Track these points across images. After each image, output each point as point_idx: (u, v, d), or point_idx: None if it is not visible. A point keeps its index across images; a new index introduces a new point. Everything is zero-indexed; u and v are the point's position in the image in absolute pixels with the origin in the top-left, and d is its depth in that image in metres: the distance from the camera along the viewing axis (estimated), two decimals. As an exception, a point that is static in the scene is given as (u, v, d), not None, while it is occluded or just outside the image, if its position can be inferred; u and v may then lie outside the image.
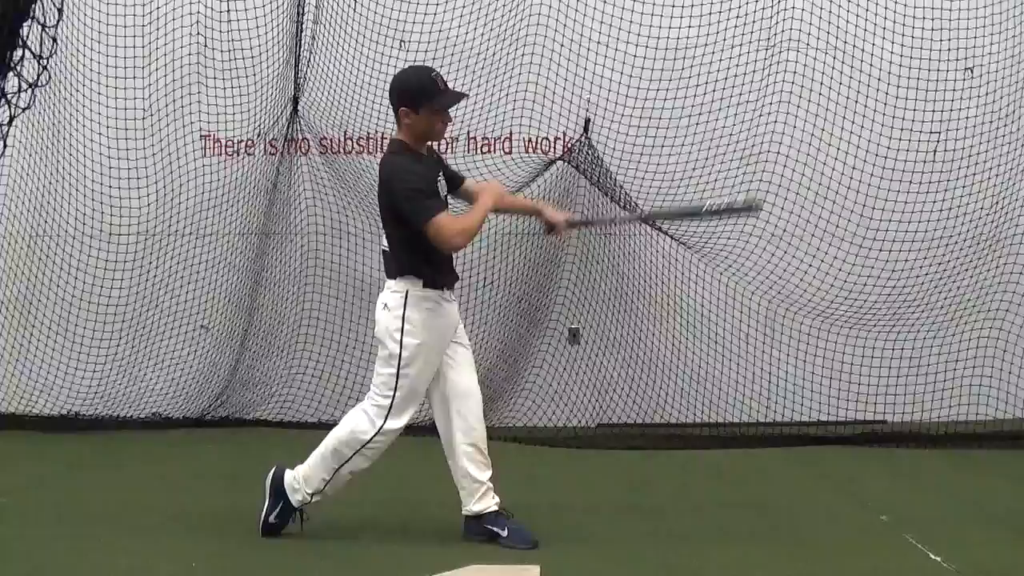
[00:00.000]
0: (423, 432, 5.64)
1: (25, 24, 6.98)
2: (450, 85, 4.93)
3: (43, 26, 7.00)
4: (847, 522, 5.39)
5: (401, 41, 7.80)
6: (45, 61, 7.06)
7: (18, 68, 6.94)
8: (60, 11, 7.10)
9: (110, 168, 8.00)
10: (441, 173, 4.99)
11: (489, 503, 4.96)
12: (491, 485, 4.97)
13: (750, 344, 8.02)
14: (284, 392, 8.08)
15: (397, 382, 4.83)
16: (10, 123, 7.13)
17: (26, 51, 6.94)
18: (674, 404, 7.97)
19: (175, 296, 8.11)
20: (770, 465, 6.82)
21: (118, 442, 7.52)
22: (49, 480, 6.38)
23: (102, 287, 8.01)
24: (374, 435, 4.87)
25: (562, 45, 7.76)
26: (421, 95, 4.77)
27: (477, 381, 5.04)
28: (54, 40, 7.11)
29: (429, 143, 4.96)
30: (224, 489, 6.10)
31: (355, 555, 4.85)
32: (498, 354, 7.94)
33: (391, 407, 4.84)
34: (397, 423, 4.87)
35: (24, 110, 7.19)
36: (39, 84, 7.10)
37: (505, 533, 4.93)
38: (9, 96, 6.96)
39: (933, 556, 4.74)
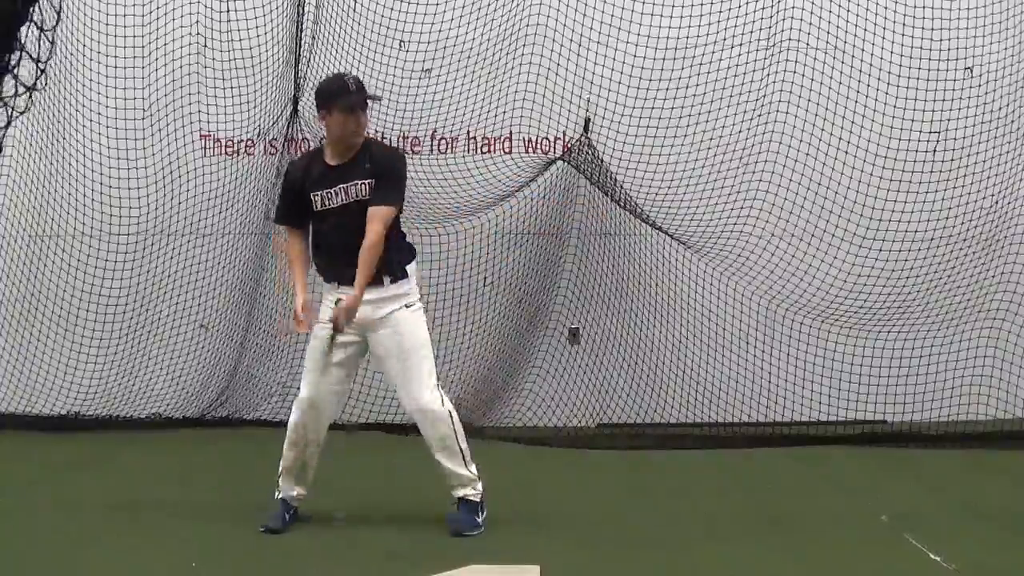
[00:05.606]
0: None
1: (23, 27, 6.96)
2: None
3: (41, 29, 6.98)
4: (847, 522, 5.38)
5: (401, 41, 7.80)
6: (43, 65, 7.04)
7: (15, 71, 6.92)
8: (58, 14, 7.08)
9: (110, 168, 8.00)
10: (357, 179, 4.87)
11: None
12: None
13: (750, 344, 8.02)
14: (284, 392, 8.06)
15: None
16: (7, 126, 7.12)
17: (23, 54, 6.92)
18: (674, 404, 7.96)
19: (175, 295, 8.11)
20: (770, 465, 6.82)
21: (118, 442, 7.52)
22: (49, 480, 6.37)
23: (102, 287, 8.01)
24: None
25: (562, 45, 7.76)
26: (330, 97, 4.85)
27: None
28: (52, 43, 7.09)
29: (348, 144, 4.90)
30: (224, 489, 6.10)
31: (354, 555, 4.84)
32: (498, 354, 7.93)
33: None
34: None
35: (21, 114, 7.19)
36: (36, 88, 7.08)
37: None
38: (6, 99, 6.93)
39: (933, 556, 4.74)
